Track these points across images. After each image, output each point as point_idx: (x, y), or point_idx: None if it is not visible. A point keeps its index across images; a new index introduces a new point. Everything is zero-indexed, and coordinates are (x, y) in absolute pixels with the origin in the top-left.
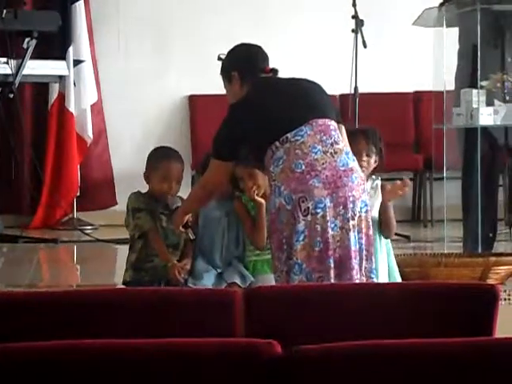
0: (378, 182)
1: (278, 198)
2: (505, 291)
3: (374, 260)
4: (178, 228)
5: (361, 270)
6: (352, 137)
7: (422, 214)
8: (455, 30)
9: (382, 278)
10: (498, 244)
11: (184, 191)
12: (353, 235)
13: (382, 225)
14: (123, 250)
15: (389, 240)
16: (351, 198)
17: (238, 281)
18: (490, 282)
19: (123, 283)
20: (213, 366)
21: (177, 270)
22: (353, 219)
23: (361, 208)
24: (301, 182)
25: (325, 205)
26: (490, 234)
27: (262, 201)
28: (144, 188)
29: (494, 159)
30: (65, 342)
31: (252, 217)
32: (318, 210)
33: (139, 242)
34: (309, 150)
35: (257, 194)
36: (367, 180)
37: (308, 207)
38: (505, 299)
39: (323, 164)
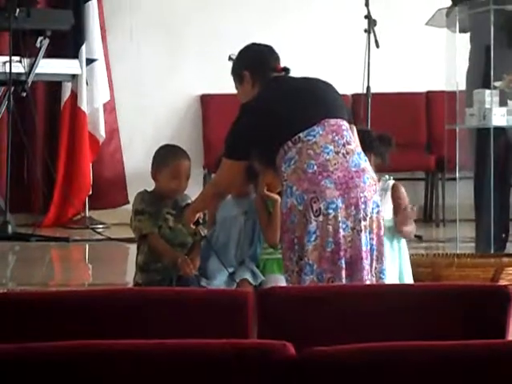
0: (390, 183)
1: (290, 199)
2: None
3: (384, 261)
4: (189, 225)
5: (371, 270)
6: None
7: (434, 214)
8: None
9: (391, 279)
10: (511, 245)
11: (195, 191)
12: (364, 236)
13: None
14: (135, 249)
15: (403, 241)
16: (363, 199)
17: (249, 277)
18: (503, 282)
19: (135, 284)
20: (226, 367)
21: (187, 264)
22: (364, 220)
23: (372, 209)
24: (313, 182)
25: (336, 205)
26: (503, 235)
27: (277, 197)
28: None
29: (507, 159)
30: (76, 342)
31: (269, 212)
32: (330, 211)
33: (145, 243)
34: (321, 150)
35: (271, 191)
36: (379, 180)
37: (320, 208)
38: None
39: (335, 165)
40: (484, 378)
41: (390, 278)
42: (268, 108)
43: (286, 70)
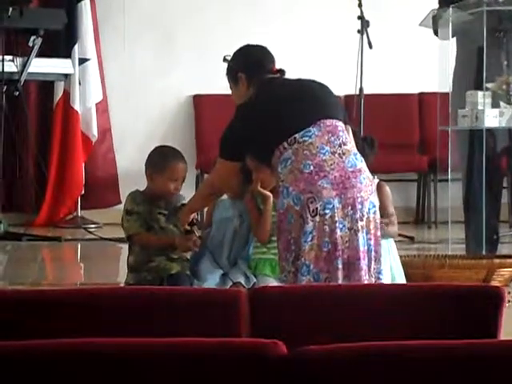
0: (375, 182)
1: (287, 199)
2: (509, 293)
3: (382, 261)
4: (184, 226)
5: (369, 270)
6: None
7: (426, 216)
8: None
9: (385, 279)
10: (502, 246)
11: (188, 191)
12: (361, 236)
13: None
14: (127, 249)
15: (392, 242)
16: (359, 199)
17: (242, 281)
18: (495, 283)
19: (126, 285)
20: (218, 366)
21: (186, 239)
22: (361, 220)
23: (369, 209)
24: (309, 182)
25: (333, 205)
26: (495, 236)
27: (269, 194)
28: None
29: (498, 161)
30: (69, 340)
31: (260, 210)
32: (327, 211)
33: (134, 243)
34: (317, 150)
35: (264, 188)
36: None
37: (316, 208)
38: (509, 301)
39: (331, 165)
40: (476, 378)
41: (385, 278)
42: (264, 109)
43: (282, 71)
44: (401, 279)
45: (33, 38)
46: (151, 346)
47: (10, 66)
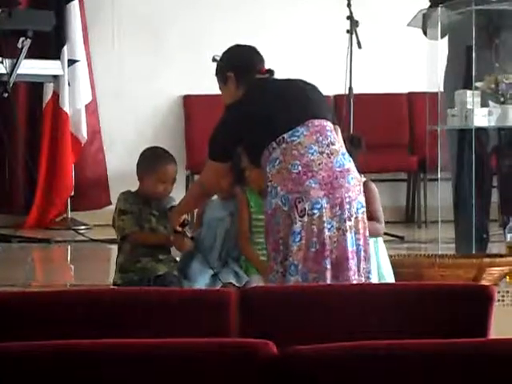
0: (362, 180)
1: (275, 199)
2: (498, 292)
3: (371, 261)
4: (176, 227)
5: (359, 270)
6: None
7: (415, 215)
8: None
9: (373, 278)
10: (492, 245)
11: (178, 191)
12: (349, 236)
13: None
14: (117, 250)
15: (380, 241)
16: (347, 199)
17: (233, 281)
18: (484, 282)
19: (113, 284)
20: (208, 366)
21: (181, 238)
22: (349, 220)
23: (357, 209)
24: (297, 182)
25: (321, 205)
26: (485, 235)
27: (243, 196)
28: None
29: (488, 160)
30: (59, 342)
31: (250, 212)
32: (315, 211)
33: (127, 243)
34: (305, 150)
35: (257, 187)
36: None
37: (304, 208)
38: (498, 300)
39: (319, 165)
40: (466, 376)
41: (373, 277)
42: (252, 110)
43: (271, 71)
44: (390, 278)
45: (22, 39)
46: (141, 346)
47: None
